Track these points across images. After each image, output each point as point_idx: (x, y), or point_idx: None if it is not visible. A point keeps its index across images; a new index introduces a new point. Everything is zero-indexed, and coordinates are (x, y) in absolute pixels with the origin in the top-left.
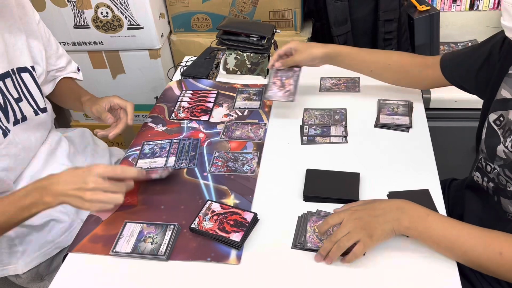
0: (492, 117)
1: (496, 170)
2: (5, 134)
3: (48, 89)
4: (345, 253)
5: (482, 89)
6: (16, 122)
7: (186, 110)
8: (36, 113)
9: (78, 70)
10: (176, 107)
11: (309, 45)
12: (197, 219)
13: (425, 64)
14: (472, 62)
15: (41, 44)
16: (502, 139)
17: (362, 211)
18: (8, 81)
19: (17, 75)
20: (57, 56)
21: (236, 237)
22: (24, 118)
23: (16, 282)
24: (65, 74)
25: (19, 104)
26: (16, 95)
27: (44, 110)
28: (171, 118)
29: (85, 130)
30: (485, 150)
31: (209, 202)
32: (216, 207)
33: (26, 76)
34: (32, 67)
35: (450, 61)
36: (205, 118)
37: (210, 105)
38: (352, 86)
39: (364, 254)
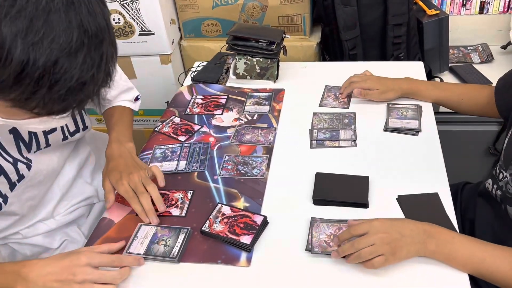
0: None
1: (506, 178)
2: (28, 167)
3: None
4: None
5: None
6: (37, 150)
7: (200, 105)
8: (64, 139)
9: (136, 99)
10: (191, 103)
11: (385, 90)
12: (207, 222)
13: (492, 92)
14: None
15: None
16: None
17: (390, 226)
18: None
19: None
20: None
21: (246, 239)
22: (48, 145)
23: None
24: (115, 103)
25: (48, 136)
26: None
27: (73, 133)
28: (186, 113)
29: (103, 135)
30: (503, 157)
31: (219, 205)
32: (226, 210)
33: None
34: None
35: (503, 80)
36: (218, 112)
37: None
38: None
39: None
